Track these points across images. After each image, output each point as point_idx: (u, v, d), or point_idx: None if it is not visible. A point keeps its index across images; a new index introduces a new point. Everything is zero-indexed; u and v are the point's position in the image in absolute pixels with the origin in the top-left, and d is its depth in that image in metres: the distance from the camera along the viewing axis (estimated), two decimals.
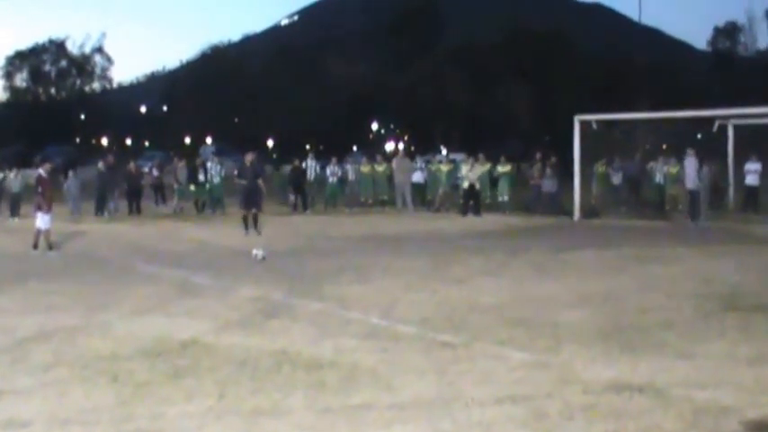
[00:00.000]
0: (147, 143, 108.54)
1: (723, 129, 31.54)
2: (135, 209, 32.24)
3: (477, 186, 30.82)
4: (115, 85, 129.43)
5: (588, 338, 10.18)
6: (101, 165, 32.77)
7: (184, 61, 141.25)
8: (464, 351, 9.65)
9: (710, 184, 27.51)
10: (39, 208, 19.71)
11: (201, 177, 32.94)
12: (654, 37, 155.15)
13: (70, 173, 32.06)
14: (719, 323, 10.98)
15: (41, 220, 19.64)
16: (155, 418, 7.42)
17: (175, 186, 33.67)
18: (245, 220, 23.91)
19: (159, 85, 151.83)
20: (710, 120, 30.69)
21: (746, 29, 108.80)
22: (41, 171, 20.56)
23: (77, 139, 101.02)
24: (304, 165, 34.67)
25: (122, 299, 13.36)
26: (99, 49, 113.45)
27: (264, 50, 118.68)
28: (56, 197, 22.16)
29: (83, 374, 8.82)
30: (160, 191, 35.39)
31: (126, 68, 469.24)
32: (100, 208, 31.38)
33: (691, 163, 26.66)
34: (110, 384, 8.44)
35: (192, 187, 33.08)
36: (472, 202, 30.54)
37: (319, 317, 11.79)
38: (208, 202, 33.00)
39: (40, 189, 20.00)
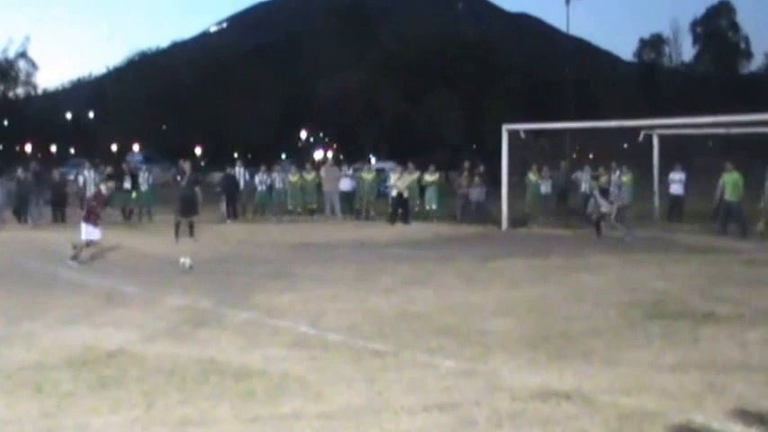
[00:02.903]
0: (72, 150, 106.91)
1: (648, 139, 32.01)
2: (59, 217, 31.75)
3: (406, 195, 30.92)
4: (40, 91, 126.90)
5: (516, 346, 10.27)
6: (20, 172, 32.25)
7: (111, 67, 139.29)
8: (393, 359, 9.67)
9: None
10: None
11: (128, 185, 32.51)
12: (581, 47, 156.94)
13: None
14: (644, 330, 11.14)
15: None
16: (80, 429, 7.34)
17: None
18: (177, 227, 23.68)
19: (86, 92, 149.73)
20: (636, 130, 31.11)
21: (671, 41, 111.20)
22: None
23: (0, 146, 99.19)
24: (234, 172, 34.37)
25: (47, 308, 13.15)
26: (23, 54, 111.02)
27: (193, 57, 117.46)
28: None
29: (5, 385, 8.68)
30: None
31: (51, 74, 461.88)
32: (21, 216, 30.87)
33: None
34: (33, 395, 8.32)
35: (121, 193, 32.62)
36: (401, 210, 30.63)
37: (248, 326, 11.72)
38: (135, 210, 32.63)
39: None
